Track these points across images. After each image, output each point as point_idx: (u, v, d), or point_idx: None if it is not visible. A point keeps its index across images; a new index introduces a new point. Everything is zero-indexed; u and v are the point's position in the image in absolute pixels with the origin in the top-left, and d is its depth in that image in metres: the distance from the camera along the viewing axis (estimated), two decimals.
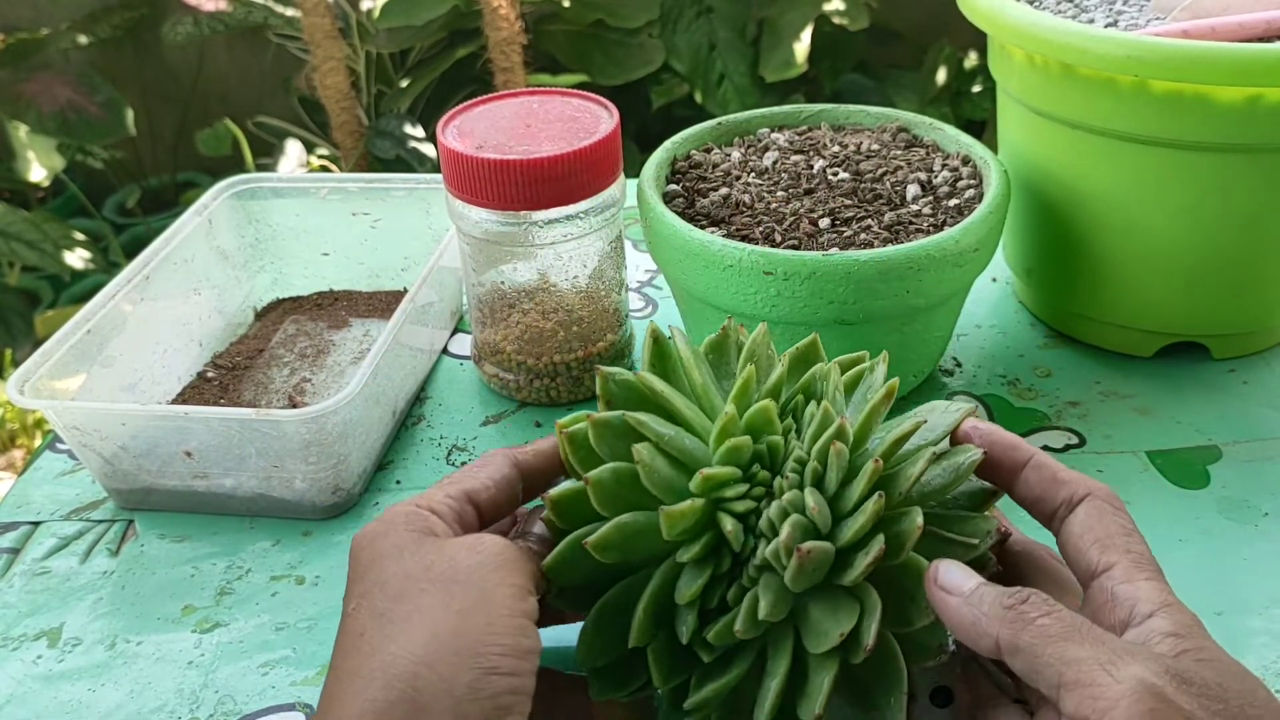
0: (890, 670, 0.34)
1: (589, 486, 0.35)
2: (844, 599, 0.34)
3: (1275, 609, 0.42)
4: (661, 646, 0.35)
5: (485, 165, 0.48)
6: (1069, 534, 0.35)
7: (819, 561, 0.33)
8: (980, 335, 0.59)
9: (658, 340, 0.39)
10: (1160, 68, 0.46)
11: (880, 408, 0.36)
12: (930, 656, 0.35)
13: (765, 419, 0.35)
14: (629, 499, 0.35)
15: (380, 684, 0.30)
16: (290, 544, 0.48)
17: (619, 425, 0.36)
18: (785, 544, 0.33)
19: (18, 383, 0.47)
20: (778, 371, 0.37)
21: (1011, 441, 0.37)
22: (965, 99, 1.80)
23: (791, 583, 0.33)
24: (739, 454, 0.35)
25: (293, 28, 1.72)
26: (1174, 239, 0.52)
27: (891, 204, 0.51)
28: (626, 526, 0.34)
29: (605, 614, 0.36)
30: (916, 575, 0.34)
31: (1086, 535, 0.34)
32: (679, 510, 0.33)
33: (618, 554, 0.35)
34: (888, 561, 0.33)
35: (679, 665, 0.35)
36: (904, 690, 0.33)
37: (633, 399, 0.38)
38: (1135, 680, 0.28)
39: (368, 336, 0.61)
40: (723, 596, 0.34)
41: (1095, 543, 0.34)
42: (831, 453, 0.34)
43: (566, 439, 0.37)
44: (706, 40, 1.71)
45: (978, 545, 0.35)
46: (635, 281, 0.65)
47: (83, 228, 1.72)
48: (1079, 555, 0.34)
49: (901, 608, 0.34)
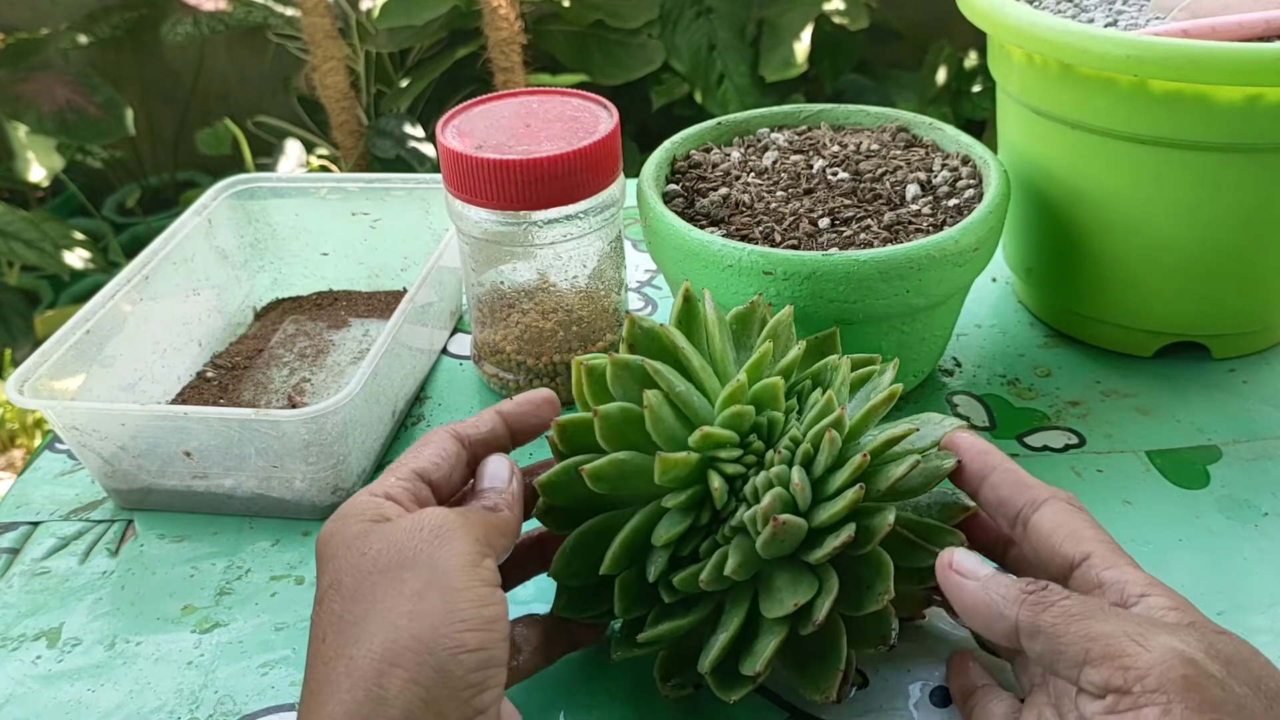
0: (833, 649, 0.36)
1: (596, 419, 0.37)
2: (806, 574, 0.36)
3: (1276, 608, 0.42)
4: (629, 580, 0.37)
5: (485, 165, 0.48)
6: (1038, 532, 0.35)
7: (791, 535, 0.35)
8: (980, 335, 0.59)
9: (689, 299, 0.41)
10: (1160, 67, 0.46)
11: (880, 407, 0.38)
12: (872, 645, 0.37)
13: (771, 394, 0.38)
14: (631, 439, 0.37)
15: (346, 688, 0.30)
16: (290, 544, 0.48)
17: (637, 369, 0.38)
18: (764, 511, 0.35)
19: (17, 383, 0.47)
20: (793, 354, 0.39)
21: (983, 448, 0.38)
22: (965, 99, 1.80)
23: (762, 548, 0.35)
24: (740, 420, 0.37)
25: (293, 28, 1.72)
26: (1174, 238, 0.51)
27: (891, 204, 0.51)
28: (624, 464, 0.37)
29: (584, 539, 0.38)
30: (876, 568, 0.36)
31: (1057, 531, 0.35)
32: (674, 458, 0.36)
33: (609, 486, 0.37)
34: (854, 550, 0.36)
35: (640, 601, 0.38)
36: (840, 669, 0.36)
37: (654, 348, 0.40)
38: (1167, 649, 0.29)
39: (367, 336, 0.61)
40: (696, 548, 0.37)
41: (1068, 536, 0.35)
42: (825, 438, 0.36)
43: (585, 371, 0.39)
44: (706, 40, 1.71)
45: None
46: (635, 281, 0.65)
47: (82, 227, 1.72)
48: (1052, 551, 0.35)
49: (857, 594, 0.36)
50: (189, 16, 1.80)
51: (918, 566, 0.38)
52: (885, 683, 0.40)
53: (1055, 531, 0.35)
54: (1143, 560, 0.44)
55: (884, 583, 0.35)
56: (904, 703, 0.39)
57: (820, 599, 0.35)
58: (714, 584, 0.36)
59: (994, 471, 0.37)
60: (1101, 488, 0.48)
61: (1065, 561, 0.34)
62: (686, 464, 0.36)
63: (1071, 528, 0.35)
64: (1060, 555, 0.34)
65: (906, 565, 0.38)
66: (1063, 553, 0.34)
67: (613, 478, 0.37)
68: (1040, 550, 0.35)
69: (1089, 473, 0.49)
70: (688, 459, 0.36)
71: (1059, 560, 0.35)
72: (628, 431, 0.38)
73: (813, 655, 0.37)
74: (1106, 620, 0.30)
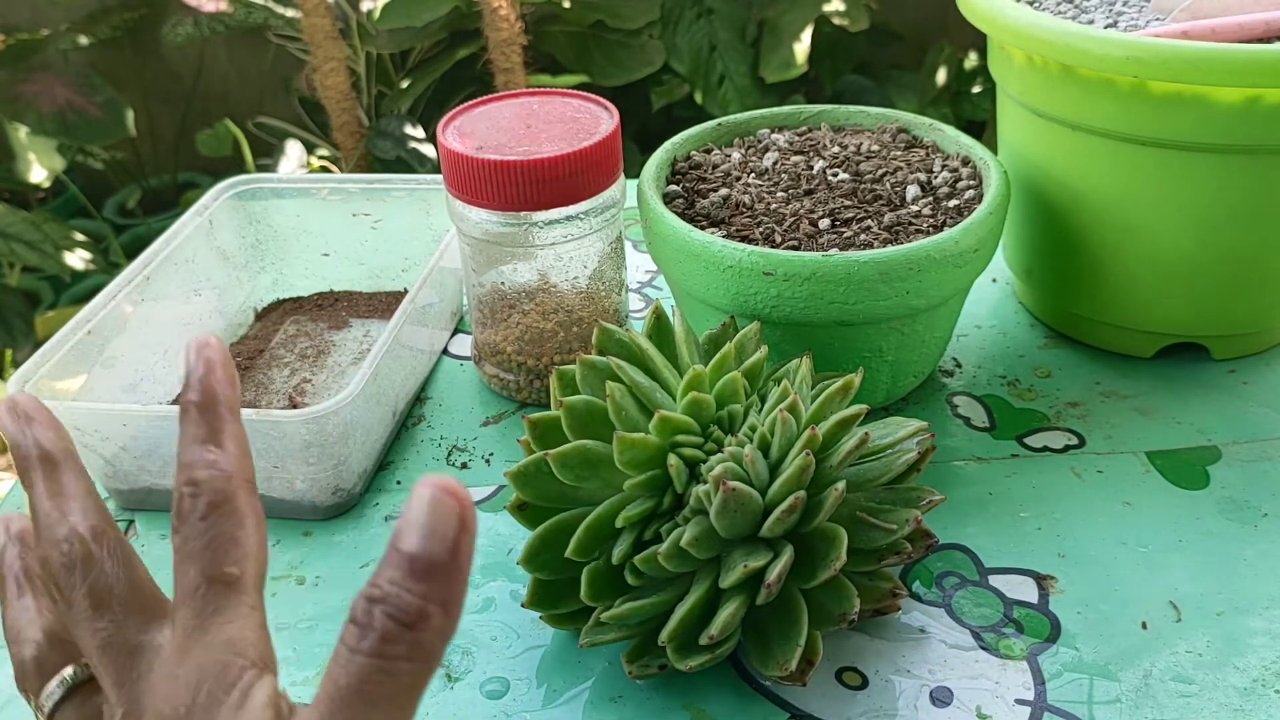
0: (793, 625, 0.37)
1: (561, 410, 0.39)
2: (762, 548, 0.38)
3: (1275, 609, 0.42)
4: (596, 569, 0.39)
5: (485, 166, 0.49)
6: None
7: (742, 503, 0.36)
8: (980, 335, 0.59)
9: (659, 316, 0.44)
10: (1159, 69, 0.46)
11: (835, 395, 0.40)
12: (834, 623, 0.38)
13: (732, 389, 0.40)
14: (596, 431, 0.39)
15: None
16: (290, 544, 0.48)
17: (604, 368, 0.41)
18: (714, 479, 0.36)
19: (18, 383, 0.47)
20: (757, 355, 0.42)
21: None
22: (965, 99, 1.80)
23: (715, 518, 0.37)
24: (699, 409, 0.39)
25: (293, 28, 1.72)
26: (1174, 239, 0.52)
27: (891, 205, 0.51)
28: (588, 451, 0.38)
29: (552, 532, 0.39)
30: (830, 539, 0.38)
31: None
32: (633, 438, 0.37)
33: (574, 475, 0.38)
34: (807, 526, 0.38)
35: (607, 589, 0.39)
36: (799, 644, 0.37)
37: (623, 354, 0.42)
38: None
39: (368, 337, 0.61)
40: (658, 531, 0.38)
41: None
42: (778, 420, 0.38)
43: (557, 375, 0.42)
44: (707, 41, 1.71)
45: (895, 531, 0.39)
46: (635, 282, 0.65)
47: (83, 228, 1.72)
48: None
49: (812, 566, 0.38)
50: (189, 17, 1.80)
51: (875, 546, 0.39)
52: (885, 683, 0.40)
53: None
54: (1143, 561, 0.45)
55: (836, 551, 0.37)
56: (904, 703, 0.39)
57: (773, 564, 0.37)
58: (673, 561, 0.37)
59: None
60: (1101, 488, 0.48)
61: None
62: (645, 445, 0.37)
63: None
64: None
65: (863, 547, 0.39)
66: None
67: (577, 464, 0.38)
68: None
69: (1089, 473, 0.49)
70: (646, 440, 0.37)
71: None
72: (592, 424, 0.39)
73: (775, 633, 0.38)
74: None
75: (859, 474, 0.41)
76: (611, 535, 0.39)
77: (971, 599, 0.43)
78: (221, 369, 0.29)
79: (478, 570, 0.46)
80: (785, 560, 0.37)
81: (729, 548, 0.38)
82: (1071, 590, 0.43)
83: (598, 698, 0.40)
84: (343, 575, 0.46)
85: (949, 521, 0.47)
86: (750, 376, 0.41)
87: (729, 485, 0.36)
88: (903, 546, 0.40)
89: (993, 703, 0.39)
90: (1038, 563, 0.45)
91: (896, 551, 0.40)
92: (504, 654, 0.42)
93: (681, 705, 0.40)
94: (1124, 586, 0.44)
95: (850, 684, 0.40)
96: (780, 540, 0.38)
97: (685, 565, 0.38)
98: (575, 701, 0.40)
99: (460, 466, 0.52)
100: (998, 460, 0.50)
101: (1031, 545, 0.46)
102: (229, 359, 0.29)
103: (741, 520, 0.37)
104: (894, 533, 0.39)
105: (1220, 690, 0.39)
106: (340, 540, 0.48)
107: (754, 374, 0.42)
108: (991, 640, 0.42)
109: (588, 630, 0.39)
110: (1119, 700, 0.39)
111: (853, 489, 0.40)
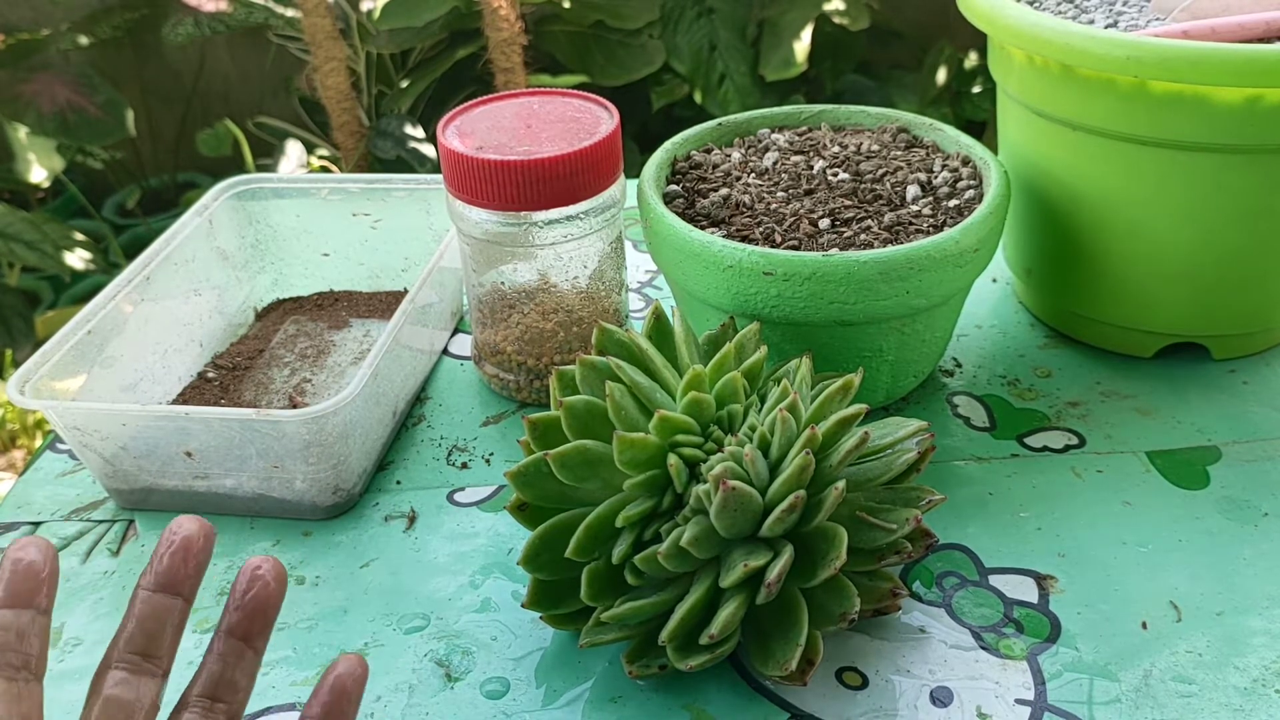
0: (794, 625, 0.37)
1: (561, 410, 0.39)
2: (762, 547, 0.38)
3: (1275, 609, 0.42)
4: (596, 570, 0.39)
5: (485, 166, 0.49)
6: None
7: (742, 502, 0.36)
8: (980, 335, 0.59)
9: (659, 316, 0.44)
10: (1160, 69, 0.46)
11: (835, 395, 0.40)
12: (833, 623, 0.38)
13: (732, 389, 0.40)
14: (596, 431, 0.39)
15: None
16: (290, 544, 0.48)
17: (604, 368, 0.41)
18: (714, 478, 0.36)
19: (18, 383, 0.47)
20: (756, 355, 0.42)
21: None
22: (965, 99, 1.80)
23: (715, 518, 0.36)
24: (699, 408, 0.39)
25: (293, 28, 1.72)
26: (1174, 239, 0.52)
27: (891, 204, 0.51)
28: (588, 451, 0.38)
29: (552, 532, 0.39)
30: (830, 538, 0.37)
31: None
32: (632, 437, 0.37)
33: (574, 475, 0.38)
34: (807, 525, 0.38)
35: (608, 589, 0.39)
36: (799, 644, 0.37)
37: (623, 354, 0.42)
38: None
39: (368, 337, 0.61)
40: (658, 531, 0.38)
41: None
42: (778, 420, 0.38)
43: (556, 375, 0.42)
44: (707, 41, 1.71)
45: (895, 530, 0.39)
46: (635, 282, 0.65)
47: (83, 228, 1.72)
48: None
49: (812, 565, 0.38)
50: (190, 17, 1.80)
51: (875, 546, 0.39)
52: (885, 683, 0.40)
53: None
54: (1143, 561, 0.45)
55: (836, 550, 0.37)
56: (904, 703, 0.39)
57: (773, 563, 0.37)
58: (673, 560, 0.37)
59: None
60: (1101, 488, 0.48)
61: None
62: (645, 445, 0.37)
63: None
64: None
65: (863, 546, 0.39)
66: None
67: (577, 465, 0.38)
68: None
69: (1089, 473, 0.49)
70: (646, 439, 0.37)
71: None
72: (592, 423, 0.39)
73: (775, 633, 0.38)
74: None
75: (859, 473, 0.41)
76: (611, 535, 0.39)
77: (972, 599, 0.43)
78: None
79: (478, 570, 0.46)
80: (785, 560, 0.37)
81: (729, 547, 0.38)
82: (1071, 590, 0.44)
83: (598, 698, 0.40)
84: (343, 575, 0.46)
85: (949, 521, 0.47)
86: (750, 376, 0.41)
87: (729, 484, 0.36)
88: (903, 546, 0.40)
89: (993, 703, 0.39)
90: (1038, 563, 0.45)
91: (896, 551, 0.40)
92: (504, 654, 0.42)
93: (682, 705, 0.40)
94: (1124, 586, 0.44)
95: (850, 684, 0.40)
96: (780, 540, 0.38)
97: (685, 565, 0.38)
98: (575, 702, 0.40)
99: (460, 466, 0.52)
100: (998, 460, 0.50)
101: (1031, 545, 0.46)
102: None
103: (741, 520, 0.37)
104: (894, 532, 0.39)
105: (1220, 690, 0.39)
106: (340, 540, 0.48)
107: (754, 374, 0.42)
108: (992, 640, 0.42)
109: (588, 630, 0.39)
110: (1119, 700, 0.39)
111: (853, 488, 0.40)
